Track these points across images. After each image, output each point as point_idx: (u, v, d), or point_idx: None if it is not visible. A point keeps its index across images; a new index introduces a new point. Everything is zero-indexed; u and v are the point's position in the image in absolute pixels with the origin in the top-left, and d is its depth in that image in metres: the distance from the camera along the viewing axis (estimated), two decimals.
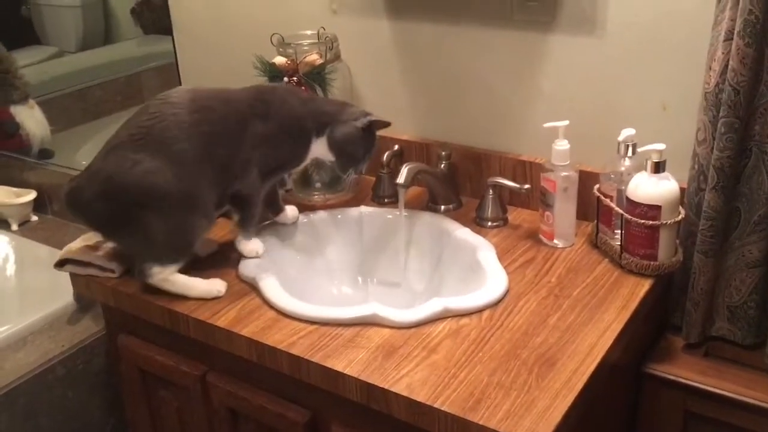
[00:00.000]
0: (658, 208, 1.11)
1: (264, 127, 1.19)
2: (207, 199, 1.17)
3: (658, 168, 1.11)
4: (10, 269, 1.81)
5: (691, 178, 1.15)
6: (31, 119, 2.13)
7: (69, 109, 2.24)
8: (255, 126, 1.19)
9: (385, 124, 1.25)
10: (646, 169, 1.12)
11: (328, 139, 1.23)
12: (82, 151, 2.02)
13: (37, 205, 2.00)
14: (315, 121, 1.22)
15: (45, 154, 2.12)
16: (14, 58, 2.13)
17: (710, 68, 1.08)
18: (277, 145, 1.21)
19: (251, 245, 1.23)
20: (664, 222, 1.11)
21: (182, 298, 1.16)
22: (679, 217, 1.13)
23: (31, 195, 1.98)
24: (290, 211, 1.32)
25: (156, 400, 1.32)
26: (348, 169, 1.26)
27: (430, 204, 1.40)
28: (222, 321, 1.10)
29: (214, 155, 1.16)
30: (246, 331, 1.08)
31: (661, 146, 1.10)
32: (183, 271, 1.17)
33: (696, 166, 1.14)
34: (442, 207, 1.39)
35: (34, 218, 2.00)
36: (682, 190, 1.14)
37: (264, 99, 1.21)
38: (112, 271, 1.23)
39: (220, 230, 1.30)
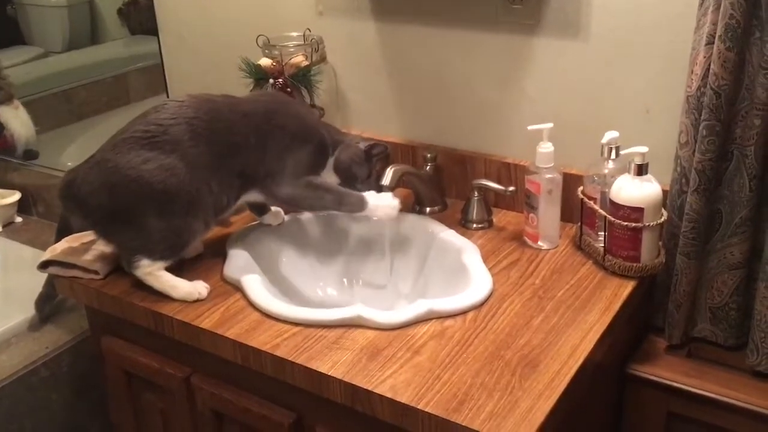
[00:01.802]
0: (640, 210, 1.12)
1: (284, 135, 1.20)
2: (210, 205, 1.17)
3: (641, 170, 1.12)
4: None
5: (674, 180, 1.16)
6: (15, 120, 2.12)
7: (54, 110, 2.22)
8: (275, 137, 1.19)
9: (385, 148, 1.28)
10: (629, 172, 1.13)
11: (335, 160, 1.25)
12: (68, 152, 2.02)
13: (22, 207, 1.99)
14: (330, 139, 1.25)
15: (30, 155, 2.11)
16: None
17: (692, 72, 1.09)
18: (301, 150, 1.21)
19: (381, 210, 1.21)
20: (647, 224, 1.12)
21: (166, 299, 1.15)
22: (662, 219, 1.14)
23: (16, 196, 1.97)
24: (276, 212, 1.32)
25: (141, 402, 1.32)
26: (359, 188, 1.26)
27: (415, 206, 1.40)
28: (206, 323, 1.10)
29: (228, 164, 1.17)
30: (230, 333, 1.08)
31: (644, 149, 1.11)
32: (169, 270, 1.17)
33: (678, 169, 1.15)
34: (428, 209, 1.39)
35: (19, 219, 1.99)
36: (664, 192, 1.15)
37: (279, 110, 1.23)
38: (96, 273, 1.22)
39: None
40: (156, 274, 1.15)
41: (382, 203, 1.21)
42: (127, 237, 1.15)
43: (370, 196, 1.21)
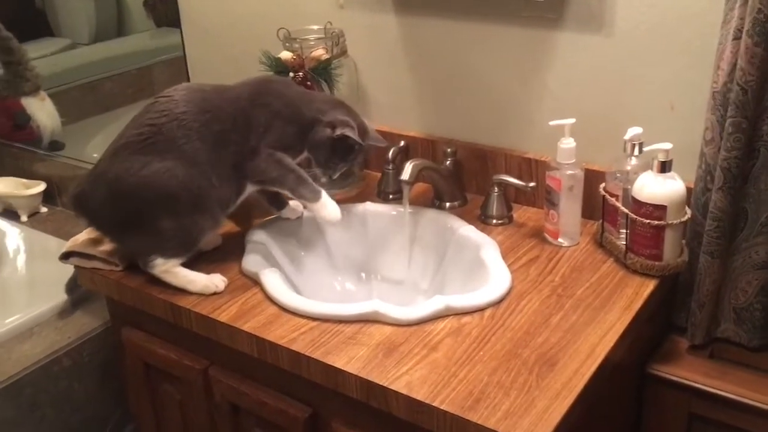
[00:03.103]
0: (663, 208, 1.10)
1: (266, 114, 1.19)
2: (215, 199, 1.17)
3: (665, 167, 1.10)
4: (19, 260, 1.83)
5: (698, 178, 1.14)
6: (42, 111, 2.14)
7: (80, 102, 2.25)
8: (258, 117, 1.18)
9: (358, 144, 1.20)
10: (652, 169, 1.11)
11: (308, 138, 1.21)
12: (93, 144, 2.03)
13: (47, 197, 2.02)
14: (310, 115, 1.21)
15: (55, 146, 2.13)
16: (25, 50, 2.13)
17: (719, 67, 1.07)
18: (282, 128, 1.19)
19: (324, 210, 1.20)
20: (670, 222, 1.10)
21: (184, 292, 1.16)
22: (685, 218, 1.12)
23: (41, 187, 1.99)
24: (294, 206, 1.32)
25: (159, 393, 1.33)
26: (321, 171, 1.23)
27: (434, 201, 1.39)
28: (224, 316, 1.11)
29: (224, 154, 1.16)
30: (247, 327, 1.08)
31: (668, 145, 1.09)
32: (186, 264, 1.18)
33: (703, 166, 1.12)
34: (447, 204, 1.38)
35: (44, 210, 2.01)
36: (688, 190, 1.13)
37: (262, 90, 1.21)
38: (116, 264, 1.23)
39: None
40: (172, 271, 1.16)
41: (331, 205, 1.21)
42: (139, 241, 1.16)
43: (326, 196, 1.21)
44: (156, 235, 1.14)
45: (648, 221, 1.11)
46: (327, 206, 1.21)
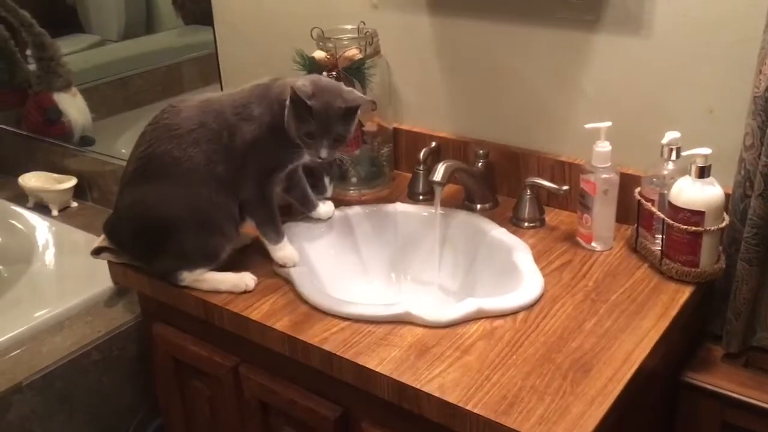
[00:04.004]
0: (701, 213, 1.08)
1: (247, 129, 1.15)
2: (222, 215, 1.16)
3: (703, 173, 1.08)
4: (50, 254, 1.84)
5: (737, 183, 1.12)
6: (73, 107, 2.17)
7: (110, 98, 2.27)
8: (242, 132, 1.15)
9: (300, 101, 1.09)
10: (690, 174, 1.09)
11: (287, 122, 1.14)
12: (122, 139, 2.05)
13: (78, 192, 2.03)
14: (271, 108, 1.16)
15: (86, 141, 2.15)
16: (58, 46, 2.16)
17: (760, 72, 1.05)
18: (264, 145, 1.15)
19: (281, 252, 1.19)
20: (708, 228, 1.09)
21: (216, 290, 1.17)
22: (723, 224, 1.10)
23: (72, 182, 2.01)
24: (324, 207, 1.32)
25: (189, 389, 1.33)
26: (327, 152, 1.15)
27: (465, 202, 1.38)
28: (256, 314, 1.11)
29: (219, 172, 1.14)
30: (279, 325, 1.08)
31: (707, 150, 1.08)
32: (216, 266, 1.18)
33: (742, 172, 1.10)
34: (478, 206, 1.37)
35: (74, 204, 2.03)
36: (726, 195, 1.11)
37: (246, 102, 1.16)
38: None
39: None
40: (200, 279, 1.17)
41: (289, 249, 1.19)
42: (163, 262, 1.18)
43: (281, 246, 1.18)
44: (176, 255, 1.16)
45: (685, 227, 1.09)
46: (284, 249, 1.19)
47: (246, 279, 1.17)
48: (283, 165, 1.20)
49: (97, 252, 1.30)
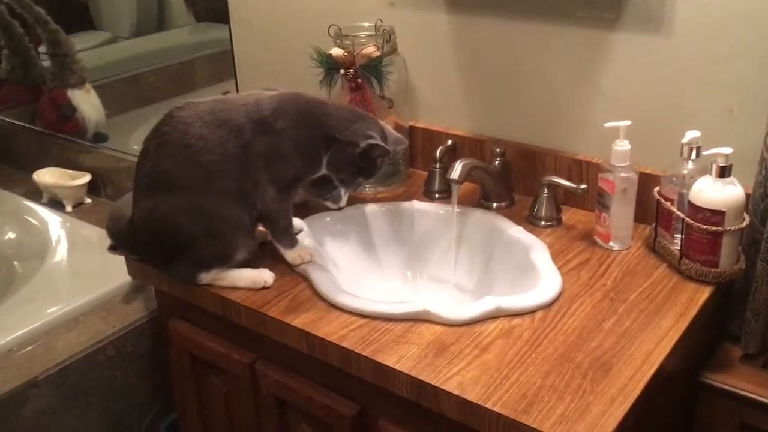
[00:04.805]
0: (721, 213, 1.08)
1: (268, 142, 1.13)
2: (231, 223, 1.15)
3: (724, 172, 1.08)
4: (64, 250, 1.85)
5: (757, 183, 1.11)
6: (87, 103, 2.18)
7: (123, 94, 2.28)
8: (257, 144, 1.13)
9: (385, 152, 1.17)
10: (710, 173, 1.09)
11: (328, 159, 1.17)
12: (135, 136, 2.05)
13: (92, 188, 2.04)
14: (322, 136, 1.16)
15: (99, 137, 2.16)
16: (72, 43, 2.17)
17: None
18: (287, 158, 1.15)
19: (294, 254, 1.19)
20: (728, 228, 1.08)
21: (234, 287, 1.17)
22: (744, 224, 1.10)
23: (86, 178, 2.02)
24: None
25: (205, 385, 1.34)
26: (344, 188, 1.22)
27: (482, 201, 1.38)
28: (273, 310, 1.11)
29: (221, 185, 1.13)
30: (297, 322, 1.08)
31: (728, 150, 1.07)
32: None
33: (763, 172, 1.10)
34: (495, 204, 1.37)
35: (88, 200, 2.04)
36: (747, 195, 1.11)
37: (262, 115, 1.14)
38: None
39: None
40: (218, 277, 1.17)
41: (295, 253, 1.19)
42: (180, 268, 1.18)
43: (292, 248, 1.19)
44: (191, 259, 1.16)
45: (705, 227, 1.09)
46: (297, 251, 1.19)
47: (264, 275, 1.17)
48: (305, 178, 1.20)
49: (113, 248, 1.31)
